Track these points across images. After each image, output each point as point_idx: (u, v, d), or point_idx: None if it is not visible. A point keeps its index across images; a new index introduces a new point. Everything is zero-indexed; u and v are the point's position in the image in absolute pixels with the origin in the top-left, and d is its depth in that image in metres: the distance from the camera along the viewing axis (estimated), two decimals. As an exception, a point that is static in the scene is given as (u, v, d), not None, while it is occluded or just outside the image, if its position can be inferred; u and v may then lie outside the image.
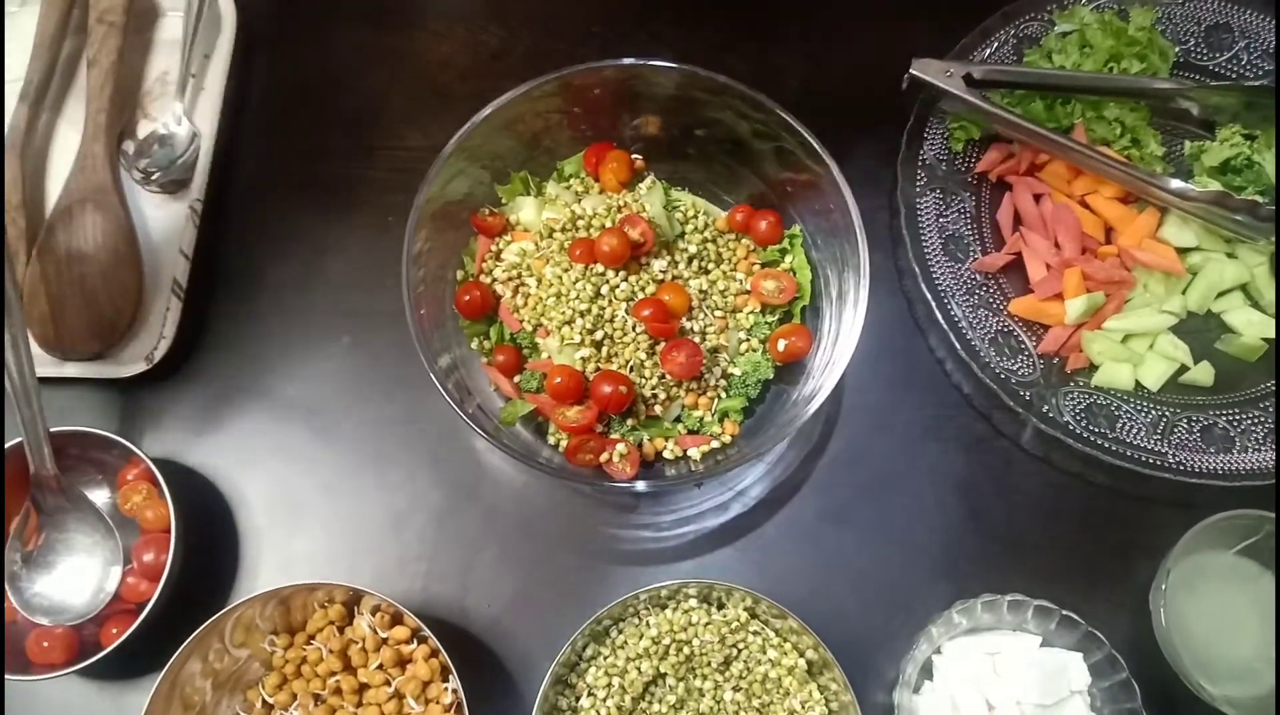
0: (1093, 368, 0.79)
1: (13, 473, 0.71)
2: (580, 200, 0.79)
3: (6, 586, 0.71)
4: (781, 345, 0.75)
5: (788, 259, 0.79)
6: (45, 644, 0.70)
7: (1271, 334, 0.79)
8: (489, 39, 0.91)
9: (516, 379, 0.77)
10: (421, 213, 0.74)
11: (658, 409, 0.75)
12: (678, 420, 0.76)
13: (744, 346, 0.77)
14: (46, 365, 0.79)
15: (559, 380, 0.73)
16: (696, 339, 0.74)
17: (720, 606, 0.71)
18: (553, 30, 0.91)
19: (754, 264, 0.79)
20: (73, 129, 0.87)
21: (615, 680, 0.69)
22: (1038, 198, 0.82)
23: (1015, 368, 0.77)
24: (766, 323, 0.77)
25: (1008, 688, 0.63)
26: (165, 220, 0.85)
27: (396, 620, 0.71)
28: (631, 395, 0.73)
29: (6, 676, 0.68)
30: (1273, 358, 0.79)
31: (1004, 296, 0.80)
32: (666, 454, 0.75)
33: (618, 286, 0.74)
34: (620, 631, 0.71)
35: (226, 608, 0.67)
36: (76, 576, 0.72)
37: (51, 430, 0.71)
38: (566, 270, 0.75)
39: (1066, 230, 0.80)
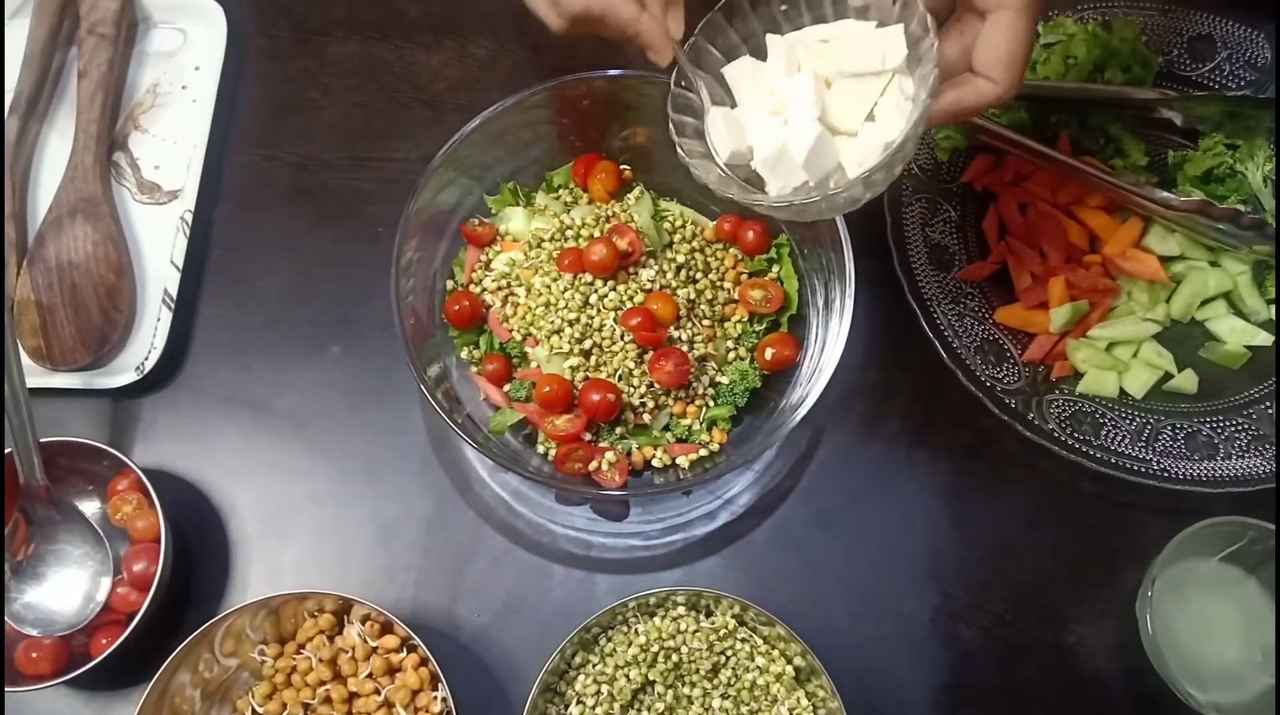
0: (1078, 375, 0.79)
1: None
2: (569, 210, 0.79)
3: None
4: (769, 354, 0.76)
5: (775, 268, 0.80)
6: (34, 655, 0.70)
7: (1254, 341, 0.80)
8: (478, 50, 0.92)
9: (506, 388, 0.77)
10: (410, 223, 0.74)
11: (646, 417, 0.75)
12: (666, 428, 0.76)
13: (732, 355, 0.77)
14: (36, 375, 0.79)
15: (548, 389, 0.73)
16: (684, 348, 0.75)
17: (708, 614, 0.72)
18: (541, 42, 0.92)
19: (741, 273, 0.79)
20: (63, 140, 0.87)
21: (604, 688, 0.69)
22: (1023, 207, 0.83)
23: (1000, 376, 0.78)
24: (754, 331, 0.78)
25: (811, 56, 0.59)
26: (155, 231, 0.86)
27: (386, 629, 0.71)
28: (620, 403, 0.73)
29: (-5, 687, 0.68)
30: (1255, 365, 0.79)
31: (989, 305, 0.81)
32: (655, 462, 0.76)
33: (606, 296, 0.75)
34: (609, 639, 0.71)
35: (216, 617, 0.67)
36: (66, 587, 0.72)
37: (41, 441, 0.71)
38: (555, 280, 0.75)
39: (1051, 239, 0.81)
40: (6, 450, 0.71)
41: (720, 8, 0.60)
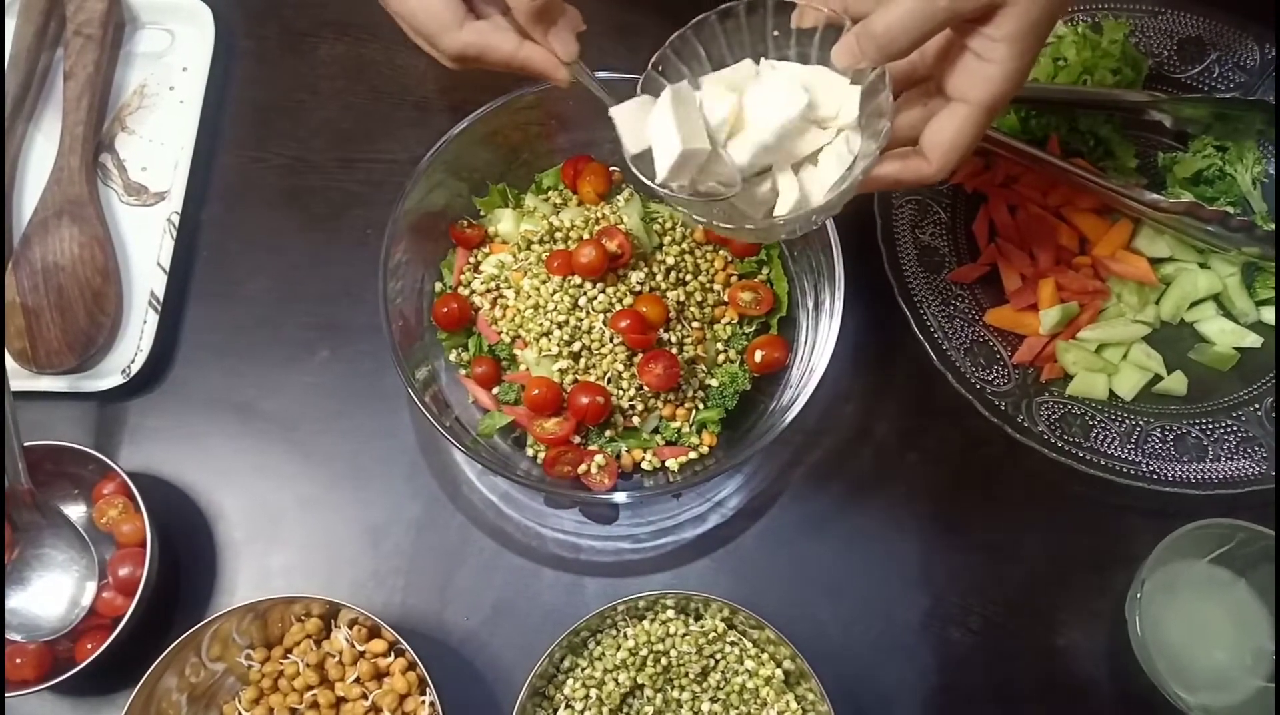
0: (1067, 377, 0.79)
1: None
2: (558, 212, 0.79)
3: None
4: (758, 356, 0.76)
5: (764, 270, 0.79)
6: (18, 660, 0.70)
7: (1243, 343, 0.80)
8: (468, 52, 0.91)
9: (495, 391, 0.77)
10: (399, 225, 0.74)
11: (635, 420, 0.75)
12: (655, 431, 0.76)
13: (721, 357, 0.77)
14: (21, 378, 0.79)
15: (537, 392, 0.73)
16: (674, 350, 0.74)
17: (698, 617, 0.71)
18: (531, 43, 0.91)
19: (731, 276, 0.79)
20: (49, 142, 0.87)
21: (593, 692, 0.69)
22: (1013, 209, 0.83)
23: (991, 378, 0.78)
24: (744, 334, 0.77)
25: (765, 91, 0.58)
26: (142, 233, 0.85)
27: (374, 633, 0.71)
28: (609, 406, 0.73)
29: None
30: (1245, 367, 0.79)
31: (979, 307, 0.81)
32: (644, 465, 0.75)
33: (595, 298, 0.74)
34: (598, 643, 0.71)
35: (203, 621, 0.67)
36: (51, 592, 0.72)
37: (26, 444, 0.71)
38: (544, 282, 0.75)
39: (1041, 241, 0.81)
40: (-10, 454, 0.70)
41: (692, 26, 0.60)
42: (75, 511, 0.76)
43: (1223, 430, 0.77)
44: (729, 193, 0.58)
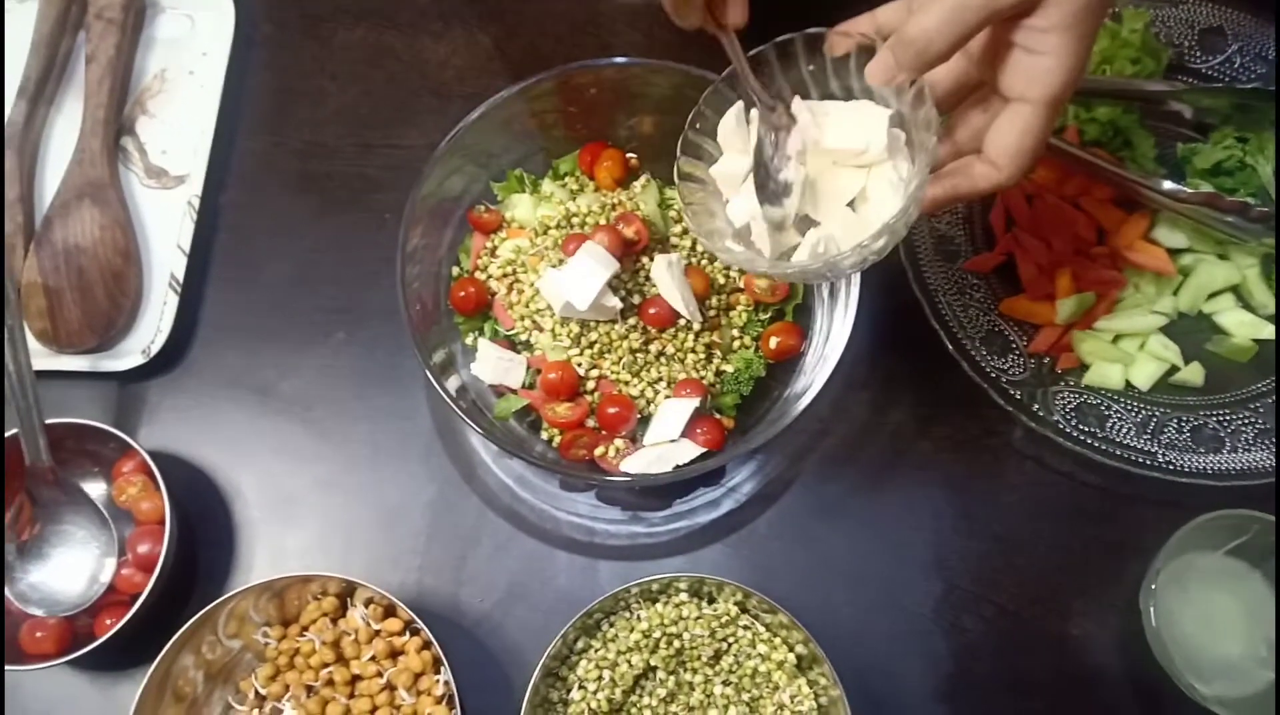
0: (1083, 367, 0.79)
1: (8, 465, 0.72)
2: (575, 198, 0.79)
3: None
4: (773, 343, 0.76)
5: (781, 257, 0.79)
6: (38, 634, 0.70)
7: (1261, 335, 0.79)
8: (485, 38, 0.92)
9: (511, 374, 0.77)
10: (417, 209, 0.74)
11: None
12: (671, 416, 0.76)
13: (737, 344, 0.77)
14: (43, 358, 0.80)
15: (553, 376, 0.73)
16: (690, 336, 0.74)
17: (711, 601, 0.72)
18: (549, 29, 0.92)
19: (747, 262, 0.79)
20: (70, 124, 0.87)
21: (606, 673, 0.69)
22: (1030, 198, 0.83)
23: (1006, 367, 0.78)
24: (759, 321, 0.78)
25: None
26: (163, 215, 0.86)
27: (389, 612, 0.71)
28: (631, 415, 0.73)
29: None
30: (1263, 359, 0.79)
31: (995, 296, 0.80)
32: (660, 449, 0.76)
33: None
34: (611, 625, 0.71)
35: (220, 599, 0.68)
36: (71, 568, 0.73)
37: (47, 422, 0.72)
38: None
39: (1058, 231, 0.81)
40: (13, 432, 0.71)
41: (725, 79, 0.60)
42: (95, 489, 0.77)
43: (1240, 422, 0.77)
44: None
